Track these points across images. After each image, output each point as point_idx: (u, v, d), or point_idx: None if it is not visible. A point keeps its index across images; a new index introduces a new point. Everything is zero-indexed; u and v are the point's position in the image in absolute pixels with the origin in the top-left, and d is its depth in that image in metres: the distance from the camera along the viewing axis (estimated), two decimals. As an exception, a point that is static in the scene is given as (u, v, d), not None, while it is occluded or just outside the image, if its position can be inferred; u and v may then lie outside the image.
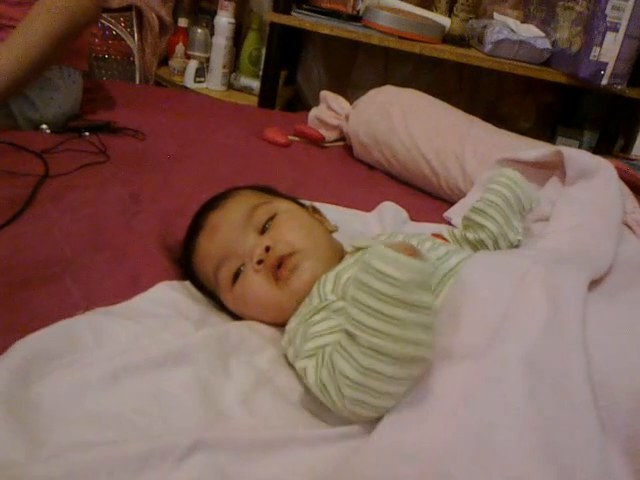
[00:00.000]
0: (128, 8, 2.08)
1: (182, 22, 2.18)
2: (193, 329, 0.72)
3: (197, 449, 0.54)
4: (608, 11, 1.74)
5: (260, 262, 0.74)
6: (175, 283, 0.81)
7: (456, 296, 0.67)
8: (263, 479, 0.54)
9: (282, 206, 0.81)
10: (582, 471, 0.50)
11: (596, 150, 1.86)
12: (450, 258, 0.73)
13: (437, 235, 0.89)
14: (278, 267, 0.74)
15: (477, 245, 0.90)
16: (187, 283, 0.83)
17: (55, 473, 0.49)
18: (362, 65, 2.31)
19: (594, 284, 0.70)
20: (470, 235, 0.90)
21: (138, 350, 0.64)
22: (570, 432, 0.52)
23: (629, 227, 1.03)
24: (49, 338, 0.63)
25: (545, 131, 2.16)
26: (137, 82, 2.08)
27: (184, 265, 0.83)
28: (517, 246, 0.92)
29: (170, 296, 0.78)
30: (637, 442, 0.52)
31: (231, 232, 0.78)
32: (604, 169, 1.00)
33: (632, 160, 1.71)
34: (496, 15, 2.04)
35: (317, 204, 0.93)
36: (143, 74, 2.10)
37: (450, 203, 1.24)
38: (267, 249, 0.74)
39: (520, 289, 0.66)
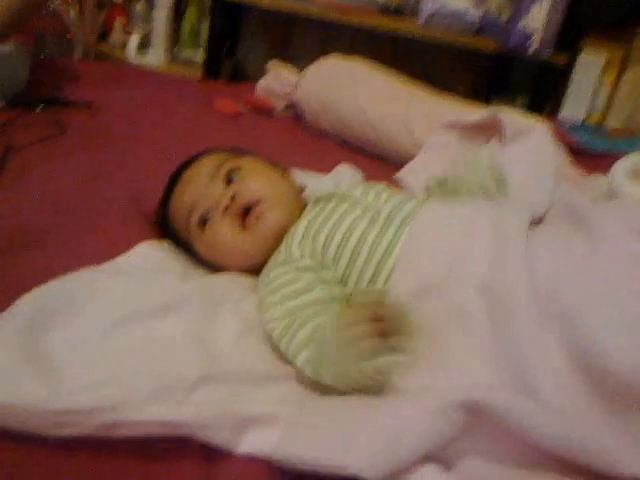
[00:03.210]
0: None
1: (119, -4, 2.17)
2: (178, 282, 0.77)
3: (202, 382, 0.59)
4: (534, -19, 1.84)
5: (227, 209, 0.80)
6: (154, 242, 0.86)
7: (414, 239, 0.75)
8: (264, 406, 0.61)
9: (249, 160, 0.87)
10: (540, 384, 0.58)
11: (527, 113, 1.97)
12: (404, 206, 0.80)
13: (393, 184, 0.96)
14: (245, 215, 0.80)
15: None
16: (165, 242, 0.87)
17: (77, 407, 0.54)
18: (301, 37, 2.35)
19: (535, 224, 0.80)
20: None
21: (132, 302, 0.69)
22: (518, 341, 0.61)
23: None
24: (47, 295, 0.67)
25: (479, 98, 2.26)
26: (77, 58, 2.05)
27: (161, 221, 0.88)
28: None
29: (152, 254, 0.83)
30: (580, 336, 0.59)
31: (200, 183, 0.83)
32: (538, 128, 1.10)
33: (559, 122, 1.84)
34: (429, -14, 2.11)
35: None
36: (82, 50, 2.08)
37: (399, 166, 1.30)
38: (233, 197, 0.80)
39: (471, 226, 0.74)
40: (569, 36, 1.92)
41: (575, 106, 1.95)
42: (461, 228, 0.75)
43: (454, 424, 0.55)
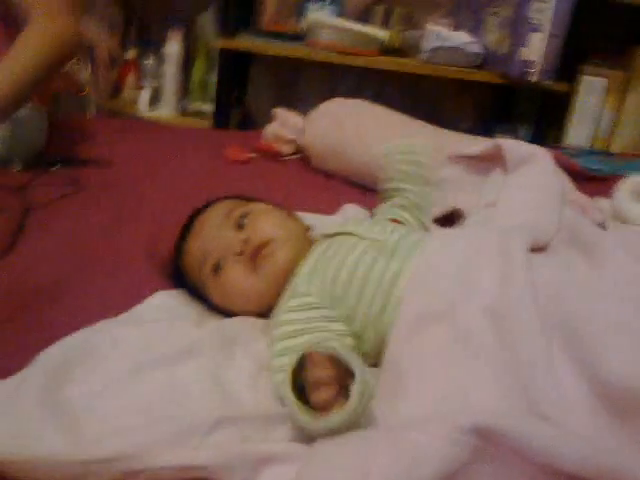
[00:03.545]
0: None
1: (130, 54, 2.26)
2: (193, 327, 0.80)
3: (219, 425, 0.61)
4: (531, 13, 1.89)
5: (240, 254, 0.82)
6: (169, 292, 0.88)
7: (422, 268, 0.77)
8: (278, 445, 0.62)
9: (257, 205, 0.91)
10: (545, 400, 0.59)
11: (531, 143, 1.99)
12: (411, 235, 0.83)
13: (395, 220, 0.98)
14: (256, 258, 0.83)
15: (409, 210, 1.00)
16: (180, 291, 0.90)
17: (98, 457, 0.56)
18: (307, 81, 2.42)
19: (541, 250, 0.82)
20: (397, 201, 1.01)
21: (150, 349, 0.72)
22: (531, 364, 0.62)
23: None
24: (69, 347, 0.70)
25: (483, 130, 2.30)
26: (91, 115, 2.12)
27: (175, 271, 0.91)
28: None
29: (167, 302, 0.86)
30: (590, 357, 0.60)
31: (211, 230, 0.86)
32: (540, 155, 1.11)
33: (565, 148, 1.86)
34: (429, 25, 2.17)
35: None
36: (96, 107, 2.15)
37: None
38: (245, 242, 0.83)
39: (476, 252, 0.77)
40: (570, 62, 1.95)
41: (580, 132, 1.98)
42: (467, 254, 0.77)
43: (466, 449, 0.55)
